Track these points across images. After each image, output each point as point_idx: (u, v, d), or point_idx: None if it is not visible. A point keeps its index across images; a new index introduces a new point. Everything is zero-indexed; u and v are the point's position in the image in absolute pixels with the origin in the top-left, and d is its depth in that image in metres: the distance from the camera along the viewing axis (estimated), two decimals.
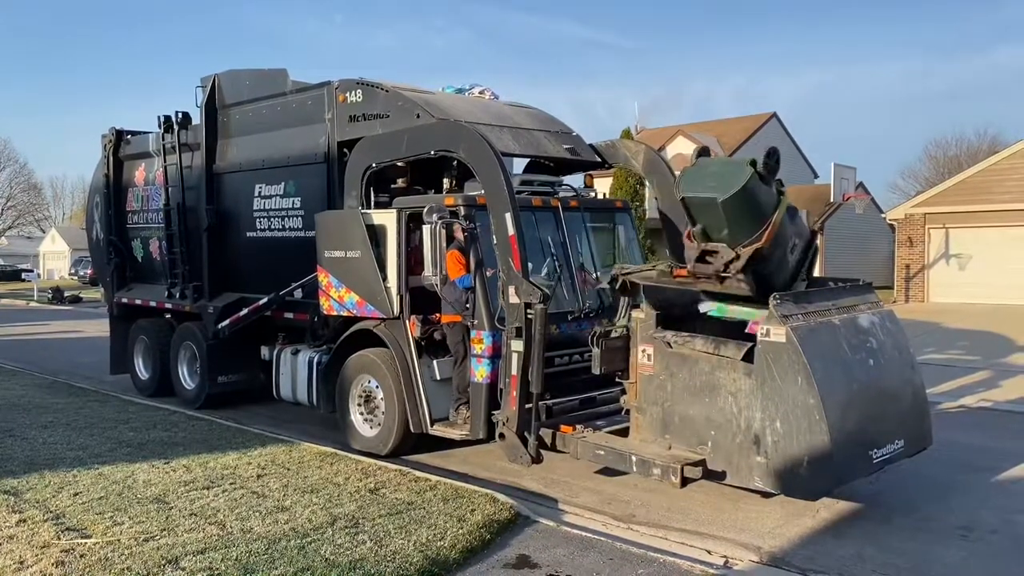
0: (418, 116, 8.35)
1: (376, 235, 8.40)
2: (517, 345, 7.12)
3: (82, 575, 5.31)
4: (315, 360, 9.37)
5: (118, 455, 8.33)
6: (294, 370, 9.67)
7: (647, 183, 9.13)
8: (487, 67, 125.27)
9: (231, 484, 7.24)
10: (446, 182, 9.12)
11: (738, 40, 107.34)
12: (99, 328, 24.45)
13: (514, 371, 7.15)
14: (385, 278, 8.32)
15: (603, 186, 17.45)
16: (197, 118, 11.27)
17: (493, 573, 5.47)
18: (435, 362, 8.29)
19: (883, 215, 29.79)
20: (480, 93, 9.80)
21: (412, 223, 8.36)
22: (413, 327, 8.26)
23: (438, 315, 8.41)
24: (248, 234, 10.38)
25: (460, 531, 6.02)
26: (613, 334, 7.08)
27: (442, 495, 6.90)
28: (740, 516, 6.77)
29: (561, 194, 8.74)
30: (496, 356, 7.54)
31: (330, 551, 5.64)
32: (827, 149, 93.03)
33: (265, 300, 9.95)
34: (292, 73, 10.02)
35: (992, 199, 23.61)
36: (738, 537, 6.33)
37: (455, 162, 8.98)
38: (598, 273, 8.68)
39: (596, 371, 7.01)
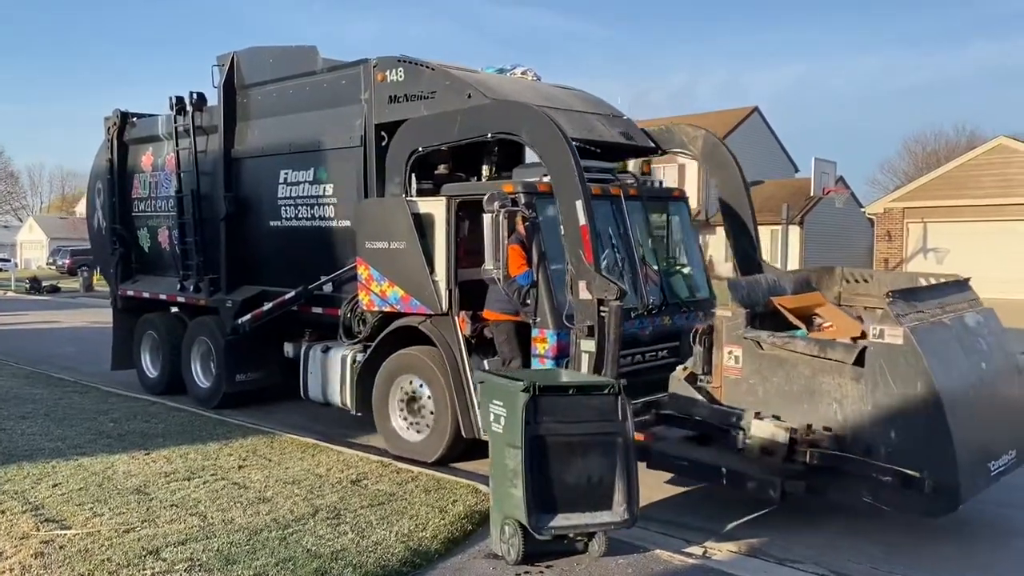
0: (469, 96, 7.72)
1: (422, 225, 7.78)
2: (588, 345, 6.55)
3: (61, 566, 5.25)
4: (349, 358, 8.73)
5: (98, 446, 8.23)
6: (325, 369, 9.02)
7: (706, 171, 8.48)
8: (468, 58, 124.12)
9: (212, 475, 7.21)
10: (485, 169, 8.56)
11: (721, 33, 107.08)
12: (78, 318, 23.96)
13: (584, 372, 6.58)
14: (432, 271, 7.70)
15: None
16: (213, 99, 10.55)
17: (475, 564, 5.46)
18: (486, 362, 7.68)
19: (862, 209, 29.99)
20: (523, 74, 9.17)
21: (461, 212, 7.75)
22: (463, 324, 7.67)
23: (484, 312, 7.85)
24: (271, 223, 9.71)
25: (442, 522, 6.00)
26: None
27: (424, 486, 6.86)
28: (718, 508, 6.65)
29: (621, 182, 8.14)
30: (561, 356, 6.97)
31: (312, 542, 5.64)
32: (808, 143, 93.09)
33: (292, 294, 9.29)
34: None
35: (970, 194, 23.77)
36: (717, 528, 6.28)
37: (495, 147, 8.45)
38: (659, 266, 8.12)
39: (699, 372, 6.44)
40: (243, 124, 10.10)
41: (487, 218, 6.90)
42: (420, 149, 7.91)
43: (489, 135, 7.41)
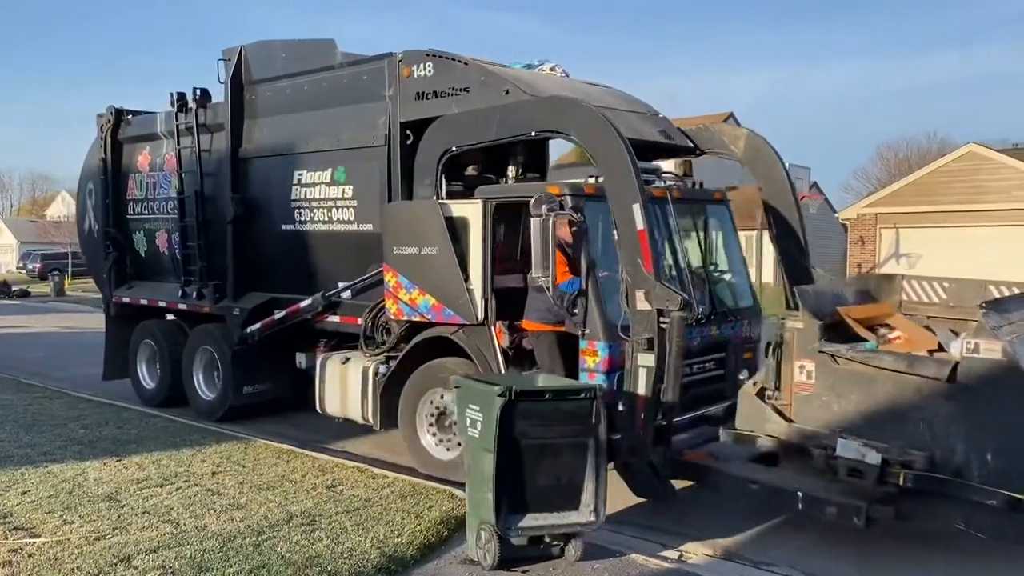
0: (507, 92, 7.25)
1: (455, 229, 7.29)
2: (646, 359, 6.10)
3: (30, 575, 5.18)
4: (371, 371, 8.21)
5: (68, 453, 8.12)
6: (344, 381, 8.50)
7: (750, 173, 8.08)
8: None
9: (185, 482, 7.15)
10: (511, 170, 8.10)
11: (696, 38, 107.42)
12: (48, 323, 23.30)
13: (642, 389, 6.14)
14: (467, 278, 7.22)
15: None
16: (218, 96, 10.00)
17: (450, 569, 5.48)
18: (524, 375, 7.22)
19: (836, 215, 30.18)
20: (551, 70, 8.71)
21: (498, 215, 7.28)
22: (500, 335, 7.20)
23: (521, 321, 7.38)
24: (283, 226, 9.16)
25: (417, 527, 5.99)
26: None
27: (400, 492, 6.85)
28: (693, 512, 6.65)
29: (664, 183, 7.70)
30: (612, 371, 6.52)
31: (286, 548, 5.61)
32: (782, 149, 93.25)
33: (308, 301, 8.77)
34: None
35: (941, 200, 24.04)
36: (692, 532, 6.26)
37: (520, 148, 8.01)
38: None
39: (770, 387, 6.01)
40: (251, 122, 9.56)
41: (534, 222, 6.42)
42: (454, 149, 7.43)
43: (533, 133, 6.95)
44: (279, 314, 9.14)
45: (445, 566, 5.50)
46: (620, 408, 6.51)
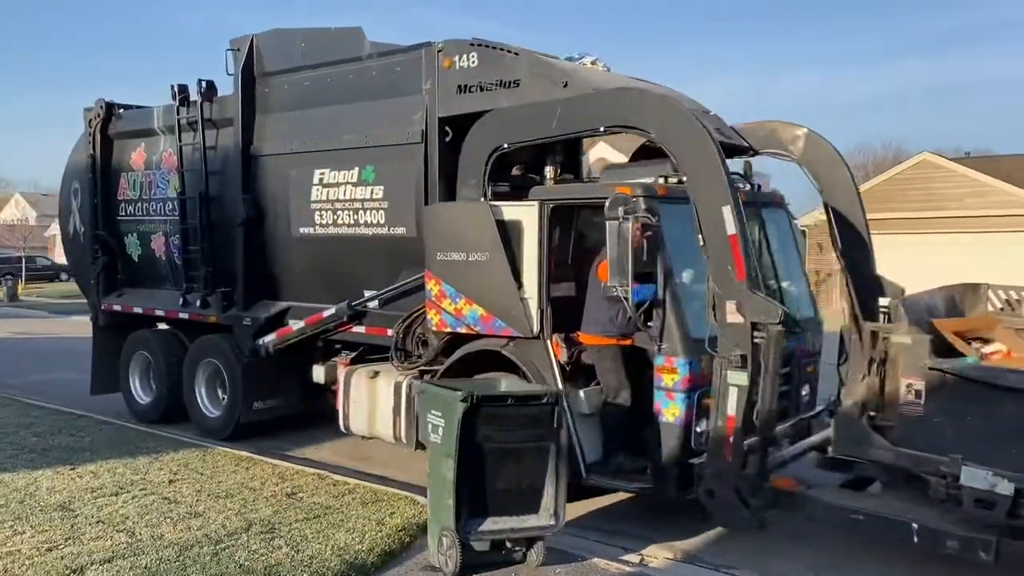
0: (566, 85, 6.68)
1: (507, 233, 6.70)
2: (738, 378, 5.57)
3: None
4: (404, 386, 7.58)
5: (20, 461, 7.92)
6: (373, 398, 7.85)
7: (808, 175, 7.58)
8: None
9: (141, 490, 7.01)
10: (549, 171, 7.53)
11: (660, 44, 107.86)
12: (1, 328, 22.07)
13: (731, 410, 5.60)
14: (520, 287, 6.63)
15: None
16: (224, 88, 9.29)
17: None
18: (582, 392, 6.65)
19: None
20: (592, 63, 8.16)
21: (555, 218, 6.70)
22: (557, 349, 6.62)
23: (578, 334, 6.82)
24: (302, 230, 8.47)
25: (379, 534, 5.96)
26: None
27: (361, 498, 6.81)
28: (655, 515, 6.69)
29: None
30: (692, 389, 5.98)
31: (245, 557, 5.54)
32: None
33: (332, 311, 8.09)
34: None
35: (897, 207, 24.24)
36: (654, 536, 6.29)
37: (560, 147, 7.46)
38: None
39: (871, 408, 5.51)
40: (264, 117, 8.85)
41: (611, 226, 5.84)
42: (506, 146, 6.83)
43: (601, 128, 6.37)
44: (297, 324, 8.46)
45: (406, 573, 5.50)
46: (699, 430, 6.01)
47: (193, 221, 9.45)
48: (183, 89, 9.52)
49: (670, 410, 5.99)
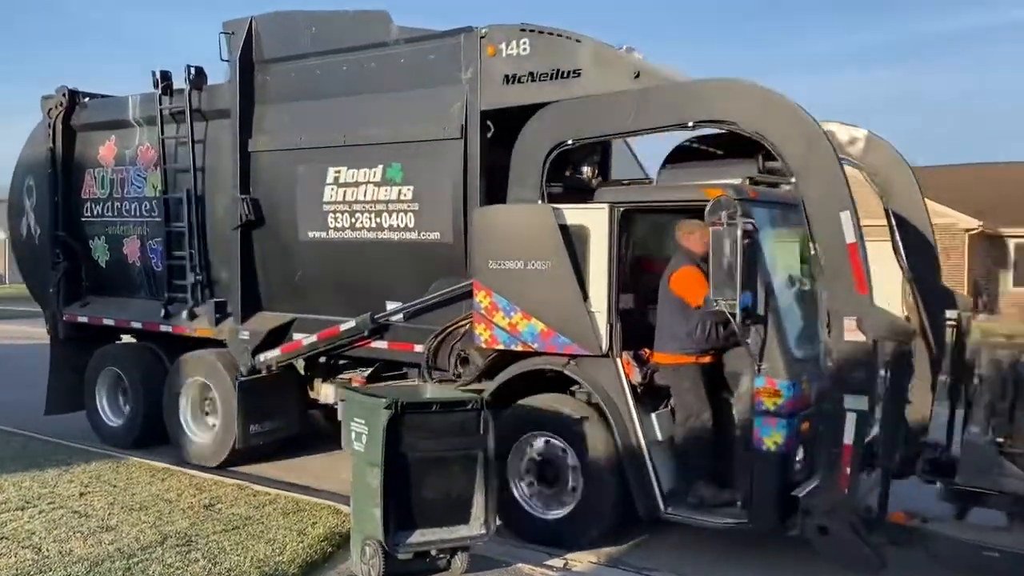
0: (637, 76, 6.04)
1: (570, 239, 6.02)
2: (856, 402, 5.02)
3: None
4: None
5: None
6: None
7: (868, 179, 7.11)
8: None
9: (49, 504, 6.73)
10: (587, 170, 7.00)
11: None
12: None
13: (848, 438, 5.04)
14: (587, 299, 5.96)
15: None
16: (215, 76, 8.39)
17: None
18: (654, 417, 6.02)
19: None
20: (627, 51, 7.51)
21: (625, 223, 6.05)
22: (629, 368, 5.97)
23: (646, 351, 6.20)
24: (311, 234, 7.60)
25: (300, 545, 5.84)
26: None
27: (282, 509, 6.67)
28: None
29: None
30: (794, 414, 5.40)
31: (159, 571, 5.40)
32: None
33: (351, 324, 7.26)
34: None
35: None
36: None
37: (599, 146, 6.86)
38: None
39: (1001, 435, 5.01)
40: (265, 108, 7.94)
41: (715, 233, 5.21)
42: (570, 142, 6.15)
43: (691, 124, 5.74)
44: (307, 339, 7.59)
45: None
46: (800, 458, 5.45)
47: (179, 224, 8.47)
48: (166, 76, 8.54)
49: (771, 437, 5.39)
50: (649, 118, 5.83)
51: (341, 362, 8.06)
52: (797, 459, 5.49)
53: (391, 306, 7.20)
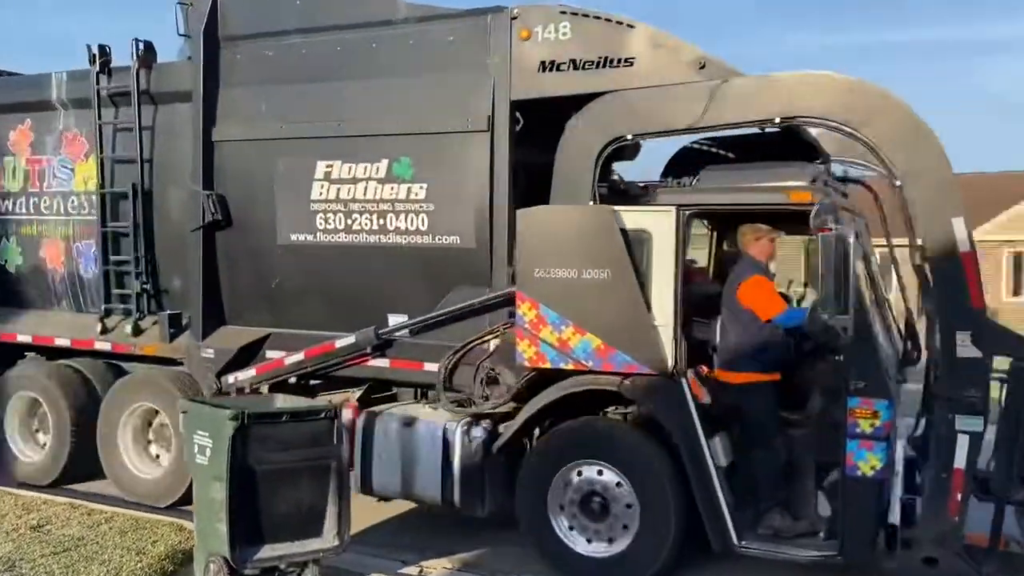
0: (702, 67, 5.50)
1: (630, 245, 5.42)
2: (971, 423, 4.68)
3: None
4: (458, 434, 6.03)
5: None
6: (408, 449, 6.19)
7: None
8: None
9: None
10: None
11: None
12: None
13: (960, 462, 4.70)
14: (648, 310, 5.38)
15: None
16: (166, 53, 7.28)
17: None
18: (718, 440, 5.50)
19: None
20: None
21: (688, 228, 5.51)
22: (697, 389, 5.42)
23: (704, 368, 5.69)
24: (294, 237, 6.64)
25: (139, 564, 5.62)
26: None
27: (120, 527, 6.36)
28: (434, 526, 6.67)
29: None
30: (890, 437, 5.00)
31: None
32: None
33: (350, 340, 6.37)
34: None
35: None
36: (433, 546, 6.26)
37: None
38: None
39: None
40: (234, 92, 6.89)
41: (824, 240, 4.72)
42: (629, 137, 5.56)
43: (777, 120, 5.24)
44: (292, 357, 6.62)
45: None
46: (895, 485, 5.06)
47: (121, 223, 7.28)
48: (104, 52, 7.33)
49: (868, 462, 4.96)
50: (726, 113, 5.30)
51: (313, 382, 7.12)
52: (896, 485, 5.11)
53: (394, 319, 6.36)
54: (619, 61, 5.65)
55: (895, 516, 5.00)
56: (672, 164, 6.64)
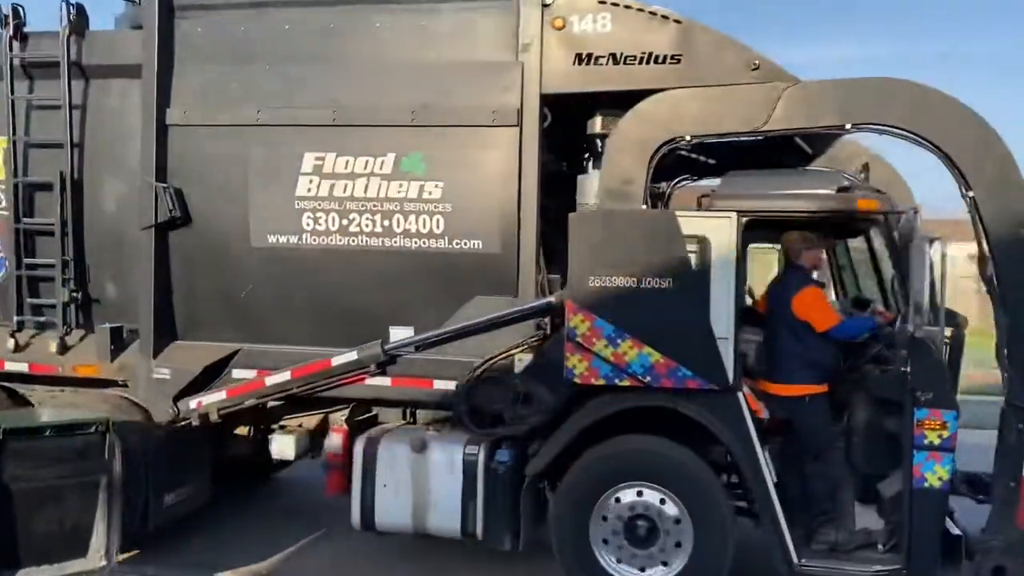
0: (755, 68, 5.29)
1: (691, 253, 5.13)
2: None
3: None
4: (481, 459, 5.49)
5: None
6: (421, 477, 5.58)
7: None
8: None
9: None
10: None
11: None
12: None
13: None
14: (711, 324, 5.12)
15: None
16: (100, 20, 6.18)
17: None
18: (767, 455, 5.32)
19: None
20: None
21: (746, 235, 5.29)
22: (754, 403, 5.21)
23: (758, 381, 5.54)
24: (272, 238, 5.80)
25: None
26: None
27: None
28: (220, 540, 6.47)
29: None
30: (955, 448, 5.02)
31: None
32: None
33: (352, 356, 5.65)
34: None
35: None
36: (221, 561, 5.96)
37: None
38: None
39: None
40: (194, 69, 5.94)
41: (918, 248, 4.64)
42: (688, 138, 5.24)
43: (848, 126, 5.11)
44: (274, 377, 5.77)
45: None
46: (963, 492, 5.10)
47: (42, 220, 6.10)
48: (18, 14, 6.11)
49: (935, 473, 4.92)
50: (793, 117, 5.12)
51: (272, 403, 6.29)
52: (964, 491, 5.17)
53: (398, 332, 5.71)
54: (665, 58, 5.34)
55: (957, 527, 5.03)
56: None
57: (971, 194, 4.89)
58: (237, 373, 5.96)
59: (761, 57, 5.33)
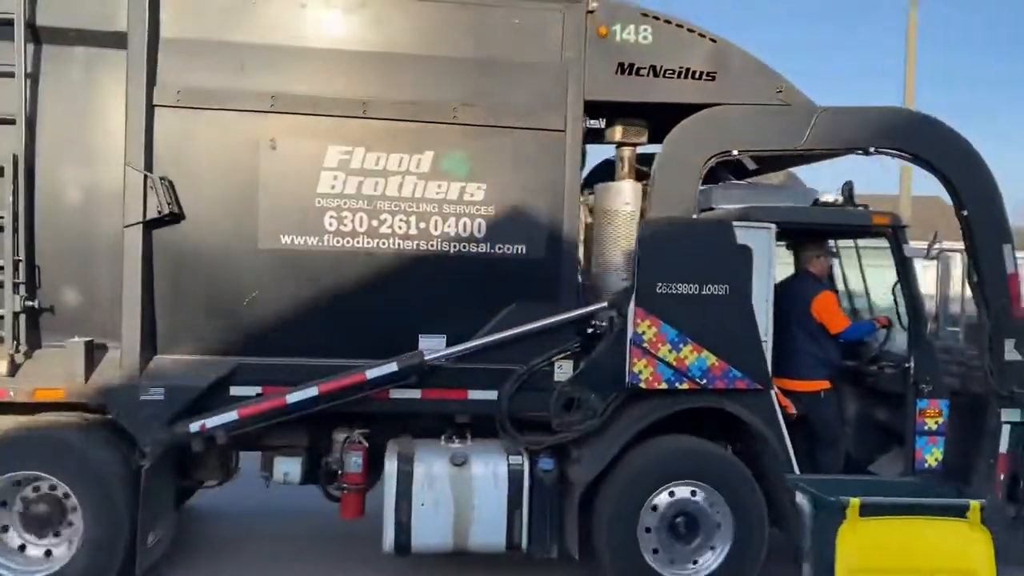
0: (780, 92, 5.70)
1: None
2: (1011, 414, 5.68)
3: None
4: (525, 469, 5.38)
5: None
6: (462, 493, 5.33)
7: None
8: None
9: None
10: None
11: None
12: None
13: (1004, 447, 5.68)
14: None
15: None
16: None
17: None
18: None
19: None
20: None
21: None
22: (785, 403, 5.65)
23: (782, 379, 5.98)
24: (286, 239, 5.19)
25: None
26: None
27: None
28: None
29: None
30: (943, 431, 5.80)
31: None
32: None
33: (391, 367, 5.23)
34: None
35: None
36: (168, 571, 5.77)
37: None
38: None
39: None
40: (191, 42, 5.17)
41: (945, 261, 5.33)
42: (735, 152, 5.51)
43: (872, 150, 5.64)
44: (296, 394, 5.17)
45: None
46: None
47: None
48: None
49: (933, 455, 5.67)
50: (828, 138, 5.58)
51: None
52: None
53: (427, 341, 5.40)
54: (701, 75, 5.58)
55: None
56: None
57: (966, 214, 5.68)
58: (235, 390, 5.27)
59: (786, 81, 5.77)
